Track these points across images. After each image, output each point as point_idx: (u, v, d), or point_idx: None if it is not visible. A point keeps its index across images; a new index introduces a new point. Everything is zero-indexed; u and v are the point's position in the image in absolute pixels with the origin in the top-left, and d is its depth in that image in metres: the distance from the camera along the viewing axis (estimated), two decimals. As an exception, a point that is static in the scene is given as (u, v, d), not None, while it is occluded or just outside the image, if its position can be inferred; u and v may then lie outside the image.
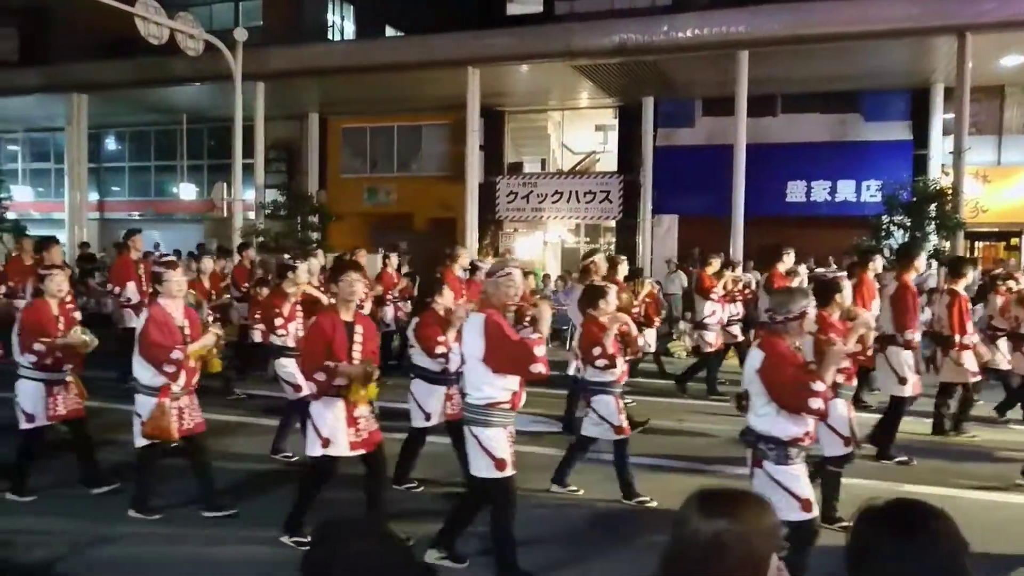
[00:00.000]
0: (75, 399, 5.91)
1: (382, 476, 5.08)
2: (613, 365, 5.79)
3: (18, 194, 22.85)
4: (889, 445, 6.99)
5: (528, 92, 18.84)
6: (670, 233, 19.04)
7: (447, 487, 6.01)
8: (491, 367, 4.29)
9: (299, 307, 7.34)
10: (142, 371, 5.29)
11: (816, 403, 3.85)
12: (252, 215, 17.40)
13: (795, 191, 17.58)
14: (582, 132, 20.98)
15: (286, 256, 10.39)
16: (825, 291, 5.54)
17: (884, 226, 13.62)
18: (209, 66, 16.21)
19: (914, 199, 13.47)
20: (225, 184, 17.55)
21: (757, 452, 4.04)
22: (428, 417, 5.98)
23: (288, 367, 6.87)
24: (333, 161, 21.75)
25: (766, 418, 4.00)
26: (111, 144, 24.89)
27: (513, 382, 4.39)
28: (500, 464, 4.36)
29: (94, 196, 23.53)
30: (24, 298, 9.88)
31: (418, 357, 6.06)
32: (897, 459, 6.92)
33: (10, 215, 20.66)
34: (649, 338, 9.61)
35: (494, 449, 4.35)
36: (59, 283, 5.93)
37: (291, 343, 6.96)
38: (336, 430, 4.77)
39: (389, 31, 23.89)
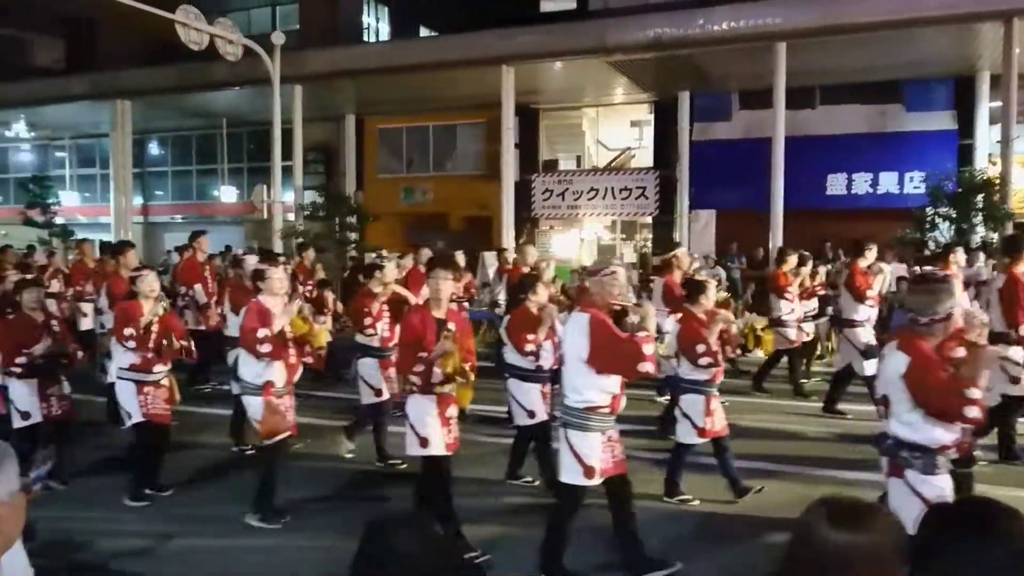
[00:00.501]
0: (163, 403, 5.93)
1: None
2: (717, 364, 5.60)
3: (66, 199, 23.46)
4: (1012, 445, 6.72)
5: (563, 89, 18.80)
6: (707, 228, 18.85)
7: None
8: (596, 367, 4.16)
9: (386, 307, 7.20)
10: (246, 368, 5.36)
11: (972, 411, 3.54)
12: (291, 216, 17.65)
13: (835, 184, 17.28)
14: (617, 128, 20.87)
15: (374, 255, 10.48)
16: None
17: (929, 218, 13.35)
18: (248, 70, 16.48)
19: (960, 190, 13.17)
20: (265, 186, 17.82)
21: (898, 460, 3.74)
22: (532, 414, 5.90)
23: (371, 368, 6.82)
24: (370, 162, 21.96)
25: (911, 425, 3.70)
26: (154, 149, 25.43)
27: (614, 384, 4.27)
28: (589, 472, 4.25)
29: (138, 200, 24.05)
30: (91, 301, 10.03)
31: (511, 355, 6.01)
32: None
33: (58, 219, 21.29)
34: None
35: (586, 456, 4.23)
36: (151, 283, 6.00)
37: (377, 343, 6.90)
38: (432, 430, 4.75)
39: (423, 31, 24.05)
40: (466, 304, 10.42)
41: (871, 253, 8.89)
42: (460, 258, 10.69)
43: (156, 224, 24.84)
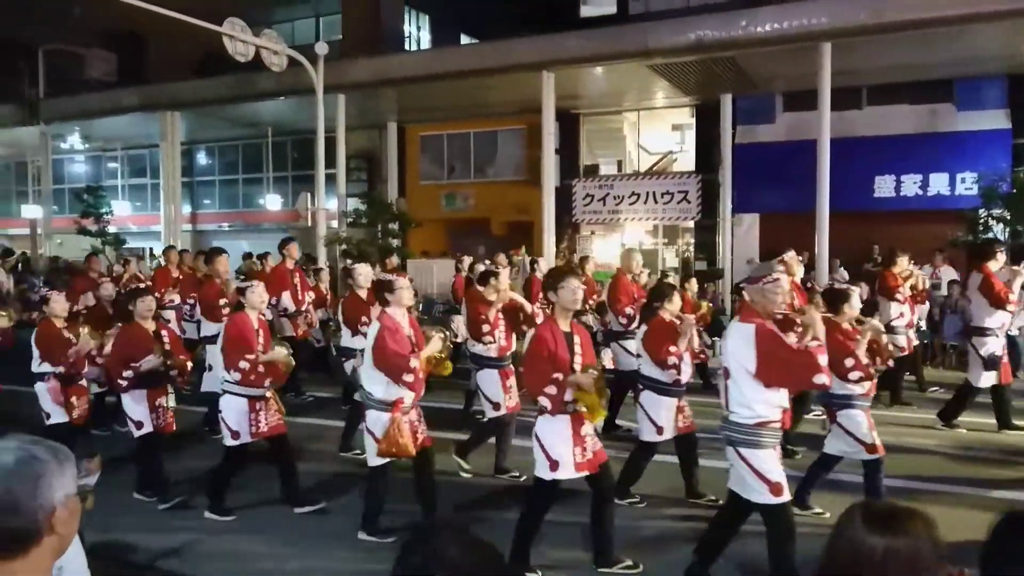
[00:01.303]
0: (276, 415, 5.76)
1: (609, 497, 4.76)
2: (869, 377, 5.15)
3: (118, 208, 24.06)
4: None
5: (603, 94, 18.76)
6: (751, 232, 18.62)
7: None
8: (765, 381, 3.93)
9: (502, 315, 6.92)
10: (374, 385, 5.05)
11: None
12: (335, 223, 17.89)
13: (884, 186, 16.92)
14: (658, 132, 20.75)
15: (487, 261, 10.43)
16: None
17: (982, 220, 12.99)
18: (292, 80, 16.77)
19: (1015, 191, 12.79)
20: (309, 194, 18.08)
21: None
22: (660, 431, 5.63)
23: (491, 381, 6.53)
24: (412, 168, 22.16)
25: None
26: (202, 158, 25.99)
27: (784, 398, 4.05)
28: (776, 489, 4.03)
29: (187, 208, 24.60)
30: (172, 308, 10.02)
31: (646, 367, 5.72)
32: None
33: (111, 228, 21.89)
34: None
35: (768, 472, 4.00)
36: (260, 294, 5.83)
37: (495, 353, 6.62)
38: (563, 451, 4.45)
39: (464, 39, 24.19)
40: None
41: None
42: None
43: (204, 232, 25.37)
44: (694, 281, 10.93)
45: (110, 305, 8.27)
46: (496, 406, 6.47)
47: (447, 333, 5.50)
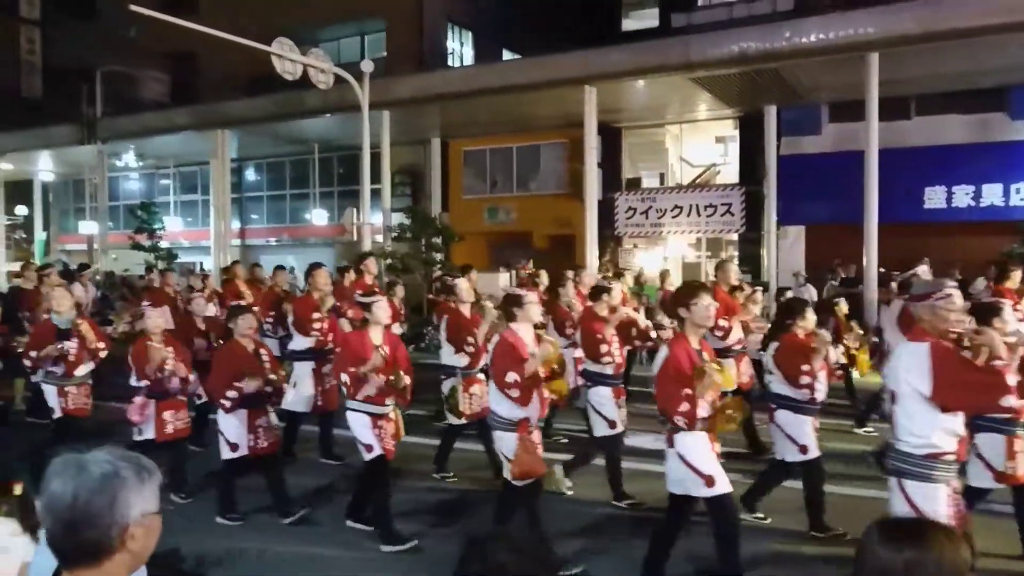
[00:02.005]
0: (392, 437, 5.58)
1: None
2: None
3: (170, 224, 24.72)
4: None
5: (645, 107, 18.75)
6: (796, 244, 18.38)
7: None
8: (942, 404, 3.58)
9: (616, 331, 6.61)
10: (499, 404, 4.91)
11: None
12: (379, 238, 18.13)
13: (934, 197, 16.58)
14: (701, 144, 20.64)
15: (601, 276, 10.24)
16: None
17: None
18: (338, 98, 17.11)
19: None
20: (354, 209, 18.37)
21: None
22: (804, 449, 5.40)
23: (605, 398, 6.29)
24: (455, 183, 22.37)
25: None
26: (251, 175, 26.59)
27: (959, 425, 3.69)
28: None
29: (236, 224, 25.14)
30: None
31: (778, 385, 5.50)
32: None
33: (163, 243, 22.49)
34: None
35: (936, 513, 3.54)
36: (386, 308, 5.65)
37: (611, 370, 6.37)
38: (714, 466, 4.35)
39: (506, 54, 24.40)
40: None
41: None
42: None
43: (252, 247, 25.92)
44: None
45: (202, 321, 8.21)
46: (612, 424, 6.25)
47: (556, 341, 5.28)
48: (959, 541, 1.60)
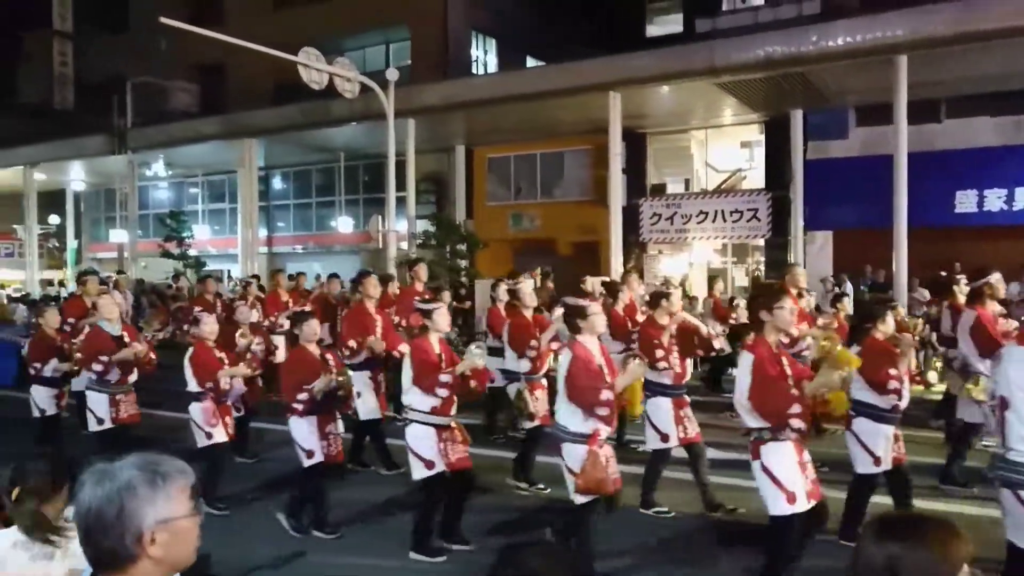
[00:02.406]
0: (462, 447, 5.41)
1: (821, 526, 4.55)
2: None
3: (198, 232, 25.03)
4: None
5: (670, 113, 18.69)
6: (824, 250, 18.19)
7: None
8: None
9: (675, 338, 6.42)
10: (569, 417, 4.71)
11: None
12: (404, 245, 18.23)
13: (966, 201, 16.33)
14: (727, 149, 20.53)
15: (659, 281, 10.09)
16: None
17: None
18: (364, 106, 17.25)
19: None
20: (380, 216, 18.49)
21: None
22: (878, 461, 5.23)
23: (663, 409, 6.09)
24: (479, 190, 22.44)
25: None
26: (277, 183, 26.87)
27: None
28: None
29: (263, 232, 25.40)
30: (283, 334, 9.56)
31: (859, 392, 5.32)
32: None
33: (192, 251, 22.78)
34: None
35: None
36: (445, 316, 5.62)
37: (669, 380, 6.16)
38: (797, 481, 4.22)
39: (530, 62, 24.46)
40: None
41: None
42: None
43: (279, 254, 26.18)
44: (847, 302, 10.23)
45: (249, 329, 8.14)
46: (664, 437, 6.02)
47: (640, 358, 5.15)
48: (956, 536, 1.57)
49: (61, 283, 27.27)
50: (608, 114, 16.14)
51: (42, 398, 7.75)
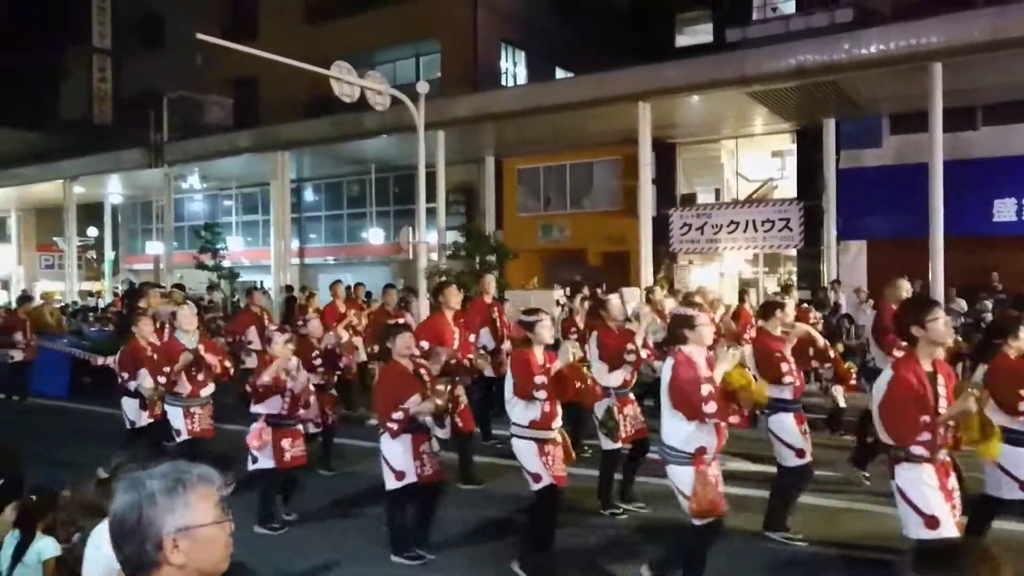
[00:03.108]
0: (562, 463, 5.27)
1: None
2: None
3: (232, 244, 25.39)
4: None
5: (700, 122, 18.61)
6: (858, 259, 17.96)
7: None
8: None
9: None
10: (674, 436, 4.47)
11: None
12: (434, 256, 18.31)
13: (1004, 209, 16.03)
14: (757, 159, 20.38)
15: (772, 292, 9.88)
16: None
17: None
18: (395, 119, 17.38)
19: None
20: (410, 228, 18.58)
21: None
22: (1023, 486, 4.90)
23: (788, 425, 5.79)
24: (509, 201, 22.50)
25: None
26: (309, 195, 27.18)
27: None
28: None
29: (295, 243, 25.69)
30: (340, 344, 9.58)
31: (991, 413, 4.86)
32: None
33: (225, 263, 23.10)
34: None
35: None
36: (549, 327, 5.36)
37: (790, 394, 5.86)
38: (939, 505, 3.96)
39: (559, 73, 24.53)
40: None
41: None
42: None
43: (310, 266, 26.44)
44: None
45: (317, 342, 8.10)
46: (800, 453, 5.74)
47: (737, 352, 4.80)
48: (999, 565, 1.53)
49: (99, 294, 27.83)
50: (637, 124, 16.09)
51: (131, 409, 7.68)
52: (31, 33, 32.21)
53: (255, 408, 6.22)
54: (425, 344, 6.97)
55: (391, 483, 5.35)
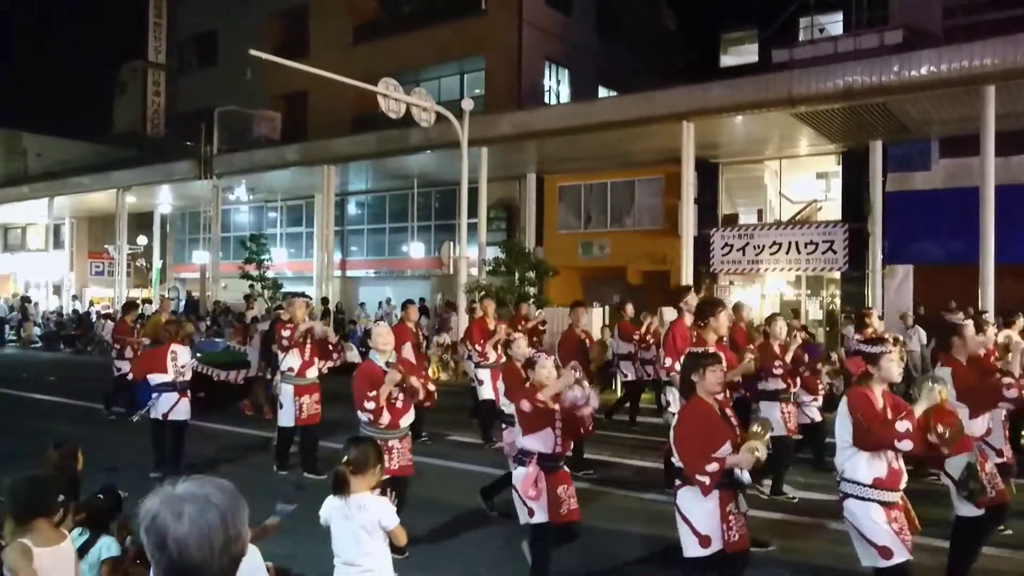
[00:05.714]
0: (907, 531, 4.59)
1: None
2: None
3: (276, 255, 25.81)
4: None
5: (744, 142, 18.51)
6: (904, 284, 17.62)
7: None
8: None
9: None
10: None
11: None
12: (475, 271, 18.45)
13: (1057, 236, 15.62)
14: (802, 180, 20.17)
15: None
16: None
17: None
18: (439, 135, 17.63)
19: None
20: (451, 242, 18.75)
21: None
22: None
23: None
24: (549, 218, 22.57)
25: None
26: (352, 209, 27.55)
27: None
28: None
29: (337, 256, 26.04)
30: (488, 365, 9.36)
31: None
32: None
33: (269, 274, 23.51)
34: None
35: None
36: (897, 361, 4.51)
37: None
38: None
39: (602, 91, 24.62)
40: None
41: None
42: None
43: (352, 279, 26.77)
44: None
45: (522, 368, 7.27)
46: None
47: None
48: None
49: (147, 301, 28.50)
50: (681, 143, 16.07)
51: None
52: (90, 48, 33.33)
53: (524, 442, 4.94)
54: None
55: (691, 550, 4.19)
